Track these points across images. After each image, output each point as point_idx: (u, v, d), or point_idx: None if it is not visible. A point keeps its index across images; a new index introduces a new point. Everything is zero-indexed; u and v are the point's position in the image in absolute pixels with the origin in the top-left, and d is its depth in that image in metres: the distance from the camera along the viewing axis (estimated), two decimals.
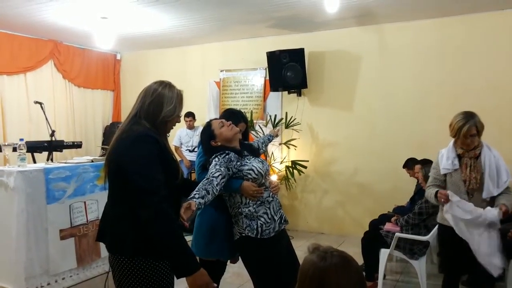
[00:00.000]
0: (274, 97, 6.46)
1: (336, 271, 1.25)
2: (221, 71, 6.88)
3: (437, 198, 2.93)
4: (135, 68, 7.68)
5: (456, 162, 2.93)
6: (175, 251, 1.80)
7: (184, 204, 2.02)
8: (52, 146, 4.91)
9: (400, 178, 5.25)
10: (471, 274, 2.95)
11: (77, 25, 5.84)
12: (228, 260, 2.89)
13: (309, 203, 6.29)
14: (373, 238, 4.04)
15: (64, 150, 5.52)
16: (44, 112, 5.08)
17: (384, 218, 4.43)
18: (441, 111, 5.33)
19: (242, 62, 6.68)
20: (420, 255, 3.77)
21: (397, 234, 3.76)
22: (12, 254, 3.06)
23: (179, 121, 2.10)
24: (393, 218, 4.13)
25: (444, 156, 2.99)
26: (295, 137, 6.09)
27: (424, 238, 3.68)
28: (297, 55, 5.86)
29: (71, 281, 3.37)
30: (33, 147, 4.74)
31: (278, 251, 2.51)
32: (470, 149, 2.90)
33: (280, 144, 6.21)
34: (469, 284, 3.60)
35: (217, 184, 2.24)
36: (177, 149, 6.59)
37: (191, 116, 6.48)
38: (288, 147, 6.11)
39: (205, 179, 2.25)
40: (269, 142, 3.49)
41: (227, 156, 2.41)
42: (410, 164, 4.85)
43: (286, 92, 6.24)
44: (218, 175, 2.28)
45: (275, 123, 6.04)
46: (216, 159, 2.39)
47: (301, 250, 2.79)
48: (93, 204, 3.51)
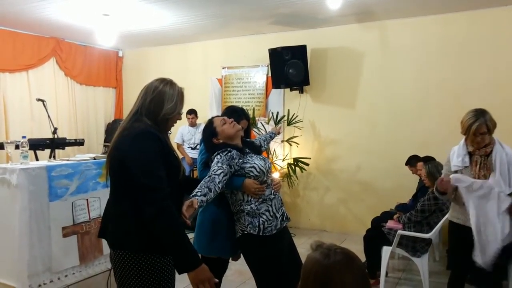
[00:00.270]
0: (276, 94, 6.45)
1: (340, 269, 1.25)
2: (223, 68, 6.87)
3: (439, 192, 2.93)
4: (137, 65, 7.68)
5: (467, 160, 2.90)
6: (177, 247, 1.81)
7: (186, 202, 2.02)
8: (55, 144, 4.91)
9: (402, 176, 5.24)
10: (475, 271, 2.92)
11: (79, 22, 5.84)
12: (230, 258, 2.90)
13: (311, 201, 6.29)
14: (375, 236, 4.03)
15: (67, 148, 5.51)
16: (46, 110, 5.08)
17: (386, 216, 4.42)
18: (444, 108, 5.33)
19: (244, 59, 6.67)
20: (423, 253, 3.77)
21: (399, 232, 3.76)
22: (15, 252, 3.07)
23: (180, 119, 2.10)
24: (395, 216, 4.12)
25: (455, 154, 2.97)
26: (297, 134, 6.09)
27: (427, 236, 3.67)
28: (299, 52, 5.85)
29: (74, 279, 3.37)
30: (36, 145, 4.75)
31: (280, 249, 2.51)
32: (481, 147, 2.87)
33: (282, 142, 6.20)
34: (473, 281, 3.58)
35: (219, 182, 2.24)
36: (179, 147, 6.59)
37: (193, 114, 6.47)
38: (290, 145, 6.11)
39: (207, 177, 2.25)
40: (271, 140, 3.49)
41: (229, 154, 2.41)
42: (413, 162, 4.85)
43: (288, 89, 6.24)
44: (220, 173, 2.28)
45: (277, 120, 6.03)
46: (218, 157, 2.39)
47: (303, 248, 2.80)
48: (96, 202, 3.51)
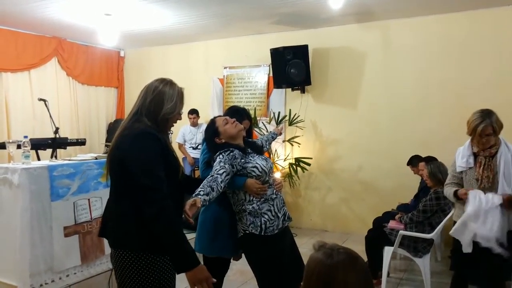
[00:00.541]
0: (278, 94, 6.44)
1: (344, 268, 1.25)
2: (225, 68, 6.87)
3: (457, 197, 2.91)
4: (139, 65, 7.68)
5: (471, 161, 2.90)
6: (176, 247, 1.83)
7: (189, 201, 2.03)
8: (56, 143, 4.91)
9: (404, 176, 5.23)
10: (477, 270, 2.91)
11: (81, 22, 5.84)
12: (232, 257, 2.90)
13: (313, 201, 6.28)
14: (377, 236, 4.02)
15: (68, 147, 5.51)
16: (48, 109, 5.09)
17: (388, 216, 4.42)
18: (445, 108, 5.32)
19: (246, 59, 6.66)
20: (424, 253, 3.76)
21: (401, 232, 3.75)
22: (17, 251, 3.07)
23: (180, 119, 2.11)
24: (397, 216, 4.11)
25: (460, 154, 2.97)
26: (299, 134, 6.08)
27: (428, 236, 3.66)
28: (301, 52, 5.84)
29: (75, 278, 3.38)
30: (37, 145, 4.75)
31: (282, 248, 2.51)
32: (486, 148, 2.86)
33: (284, 141, 6.20)
34: (476, 282, 3.56)
35: (222, 181, 2.25)
36: (181, 146, 6.59)
37: (195, 113, 6.46)
38: (292, 144, 6.11)
39: (210, 176, 2.26)
40: (273, 140, 3.49)
41: (232, 153, 2.42)
42: (415, 162, 4.84)
43: (290, 89, 6.23)
44: (223, 172, 2.29)
45: (279, 120, 6.02)
46: (221, 156, 2.39)
47: (305, 248, 2.79)
48: (97, 201, 3.52)
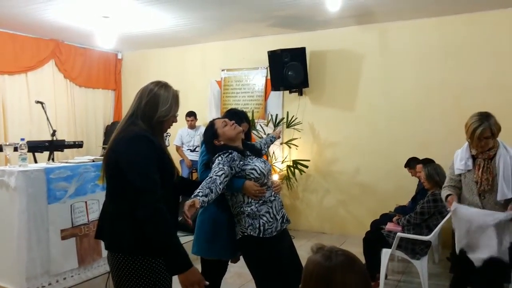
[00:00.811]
0: (275, 97, 6.44)
1: (342, 270, 1.24)
2: (222, 70, 6.87)
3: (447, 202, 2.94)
4: (136, 68, 7.67)
5: (470, 163, 2.90)
6: (169, 250, 1.84)
7: (188, 202, 2.03)
8: (53, 146, 4.89)
9: (402, 178, 5.23)
10: (477, 273, 2.91)
11: (79, 25, 5.83)
12: (230, 260, 2.89)
13: (311, 203, 6.28)
14: (375, 238, 4.02)
15: (65, 150, 5.50)
16: (45, 112, 5.07)
17: (386, 218, 4.42)
18: (443, 110, 5.34)
19: (243, 61, 6.67)
20: (422, 255, 3.76)
21: (399, 234, 3.75)
22: (14, 254, 3.06)
23: (176, 121, 2.11)
24: (395, 218, 4.11)
25: (458, 157, 2.97)
26: (296, 137, 6.08)
27: (426, 238, 3.66)
28: (299, 54, 5.85)
29: (72, 281, 3.37)
30: (34, 147, 4.73)
31: (280, 251, 2.50)
32: (485, 151, 2.85)
33: (281, 144, 6.20)
34: (475, 285, 3.55)
35: (220, 183, 2.25)
36: (178, 149, 6.57)
37: (193, 116, 6.45)
38: (289, 147, 6.11)
39: (209, 178, 2.26)
40: (271, 144, 3.48)
41: (230, 155, 2.42)
42: (412, 164, 4.85)
43: (287, 92, 6.23)
44: (222, 174, 2.29)
45: (276, 123, 6.02)
46: (219, 158, 2.39)
47: (303, 250, 2.78)
48: (94, 204, 3.51)
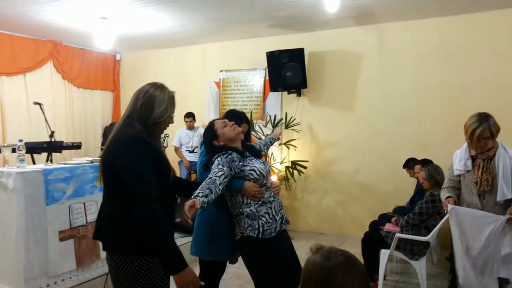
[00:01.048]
0: (274, 97, 6.44)
1: (342, 271, 1.25)
2: (221, 71, 6.87)
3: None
4: (135, 69, 7.66)
5: (469, 164, 2.90)
6: (164, 250, 1.85)
7: (188, 202, 2.04)
8: (52, 147, 4.88)
9: (401, 178, 5.24)
10: None
11: (77, 26, 5.83)
12: (228, 261, 2.88)
13: (309, 204, 6.28)
14: (373, 239, 4.02)
15: (64, 151, 5.48)
16: (44, 113, 5.06)
17: (384, 219, 4.42)
18: (442, 111, 5.34)
19: (242, 62, 6.67)
20: (421, 256, 3.76)
21: (397, 235, 3.75)
22: (12, 256, 3.05)
23: (172, 122, 2.12)
24: (393, 219, 4.12)
25: (458, 157, 2.97)
26: (295, 138, 6.08)
27: (425, 239, 3.66)
28: (297, 55, 5.85)
29: (71, 283, 3.36)
30: (32, 148, 4.72)
31: (279, 251, 2.50)
32: (484, 151, 2.85)
33: (280, 145, 6.19)
34: None
35: (220, 184, 2.25)
36: (177, 150, 6.57)
37: (191, 117, 6.45)
38: (288, 148, 6.10)
39: (208, 178, 2.27)
40: (271, 145, 3.47)
41: (230, 156, 2.42)
42: (411, 164, 4.85)
43: (286, 92, 6.23)
44: (221, 175, 2.29)
45: (275, 124, 6.02)
46: (219, 159, 2.40)
47: (302, 251, 2.79)
48: (93, 205, 3.51)
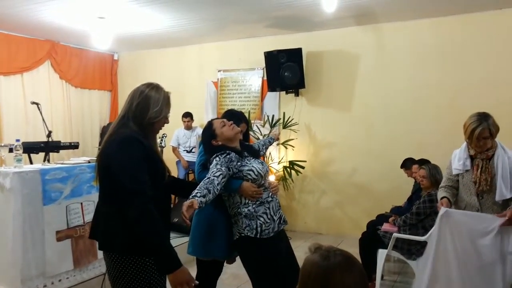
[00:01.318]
0: (272, 97, 6.44)
1: (340, 270, 1.25)
2: (219, 71, 6.86)
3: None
4: (133, 68, 7.65)
5: (468, 163, 2.90)
6: (158, 250, 1.86)
7: (186, 203, 2.04)
8: (49, 147, 4.86)
9: (398, 178, 5.24)
10: None
11: (74, 25, 5.82)
12: (225, 261, 2.88)
13: (307, 204, 6.28)
14: (371, 239, 4.03)
15: (61, 151, 5.47)
16: (41, 113, 5.05)
17: (382, 219, 4.42)
18: (439, 111, 5.35)
19: (240, 62, 6.66)
20: (418, 256, 3.76)
21: (395, 235, 3.75)
22: (8, 256, 3.05)
23: (168, 122, 2.12)
24: (391, 219, 4.12)
25: (457, 157, 2.97)
26: (293, 138, 6.08)
27: (422, 239, 3.66)
28: (295, 55, 5.85)
29: (68, 283, 3.35)
30: (30, 148, 4.70)
31: (277, 251, 2.50)
32: (483, 151, 2.85)
33: (278, 145, 6.19)
34: None
35: (218, 184, 2.26)
36: (175, 150, 6.56)
37: (189, 117, 6.44)
38: (286, 148, 6.11)
39: (206, 178, 2.26)
40: (270, 145, 3.47)
41: (228, 156, 2.42)
42: (408, 164, 4.86)
43: (284, 92, 6.23)
44: (219, 175, 2.29)
45: (273, 124, 6.03)
46: (217, 159, 2.40)
47: (299, 251, 2.78)
48: (90, 205, 3.50)
